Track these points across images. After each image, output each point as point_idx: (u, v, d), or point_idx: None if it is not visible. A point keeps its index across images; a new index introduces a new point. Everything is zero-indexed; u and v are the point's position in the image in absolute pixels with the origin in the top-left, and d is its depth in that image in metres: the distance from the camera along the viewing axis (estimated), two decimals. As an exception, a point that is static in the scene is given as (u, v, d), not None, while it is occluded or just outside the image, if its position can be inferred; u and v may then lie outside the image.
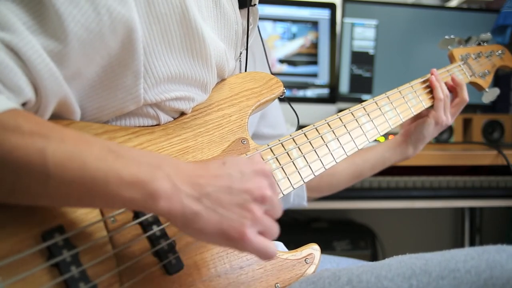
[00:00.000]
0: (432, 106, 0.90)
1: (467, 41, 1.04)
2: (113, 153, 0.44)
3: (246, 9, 0.70)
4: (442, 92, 0.89)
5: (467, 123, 1.47)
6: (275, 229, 0.49)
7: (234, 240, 0.45)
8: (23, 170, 0.41)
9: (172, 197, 0.44)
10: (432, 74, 0.91)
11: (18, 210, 0.45)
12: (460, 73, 0.98)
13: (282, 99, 0.76)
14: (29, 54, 0.44)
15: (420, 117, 0.92)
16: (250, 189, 0.47)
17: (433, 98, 0.90)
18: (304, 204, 0.96)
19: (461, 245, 1.77)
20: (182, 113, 0.62)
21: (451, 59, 1.01)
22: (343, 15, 1.51)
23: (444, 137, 1.44)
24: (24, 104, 0.46)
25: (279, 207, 0.50)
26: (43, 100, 0.47)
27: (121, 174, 0.43)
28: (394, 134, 1.44)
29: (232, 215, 0.45)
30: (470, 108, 1.64)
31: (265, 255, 0.47)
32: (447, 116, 0.91)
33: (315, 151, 0.70)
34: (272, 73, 0.75)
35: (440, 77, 0.91)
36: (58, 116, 0.51)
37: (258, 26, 0.77)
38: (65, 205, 0.47)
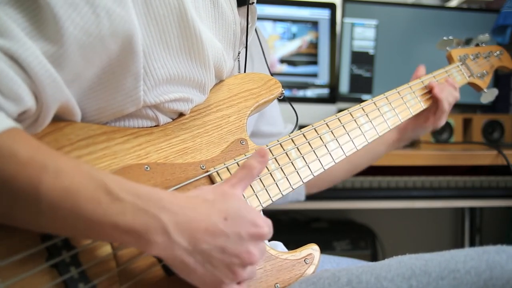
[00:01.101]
0: (428, 108, 0.91)
1: (465, 42, 1.05)
2: (109, 193, 0.43)
3: (245, 7, 0.70)
4: (449, 104, 0.91)
5: (467, 123, 1.47)
6: (251, 276, 0.51)
7: None
8: (17, 200, 0.41)
9: (165, 249, 0.45)
10: (433, 87, 0.89)
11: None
12: (458, 74, 0.98)
13: (282, 100, 0.76)
14: (29, 61, 0.44)
15: (419, 118, 0.93)
16: (241, 255, 0.48)
17: (430, 99, 0.90)
18: (302, 199, 0.98)
19: (461, 245, 1.77)
20: (181, 114, 0.62)
21: (450, 60, 1.01)
22: (343, 15, 1.51)
23: (444, 137, 1.44)
24: (23, 112, 0.45)
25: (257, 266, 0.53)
26: (44, 107, 0.46)
27: (116, 222, 0.43)
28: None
29: (218, 273, 0.47)
30: (470, 108, 1.64)
31: None
32: (444, 121, 0.94)
33: (314, 152, 0.70)
34: (271, 73, 0.75)
35: (440, 86, 0.90)
36: (59, 119, 0.51)
37: (256, 27, 0.77)
38: (58, 234, 0.46)
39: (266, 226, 0.51)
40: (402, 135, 0.98)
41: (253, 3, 0.72)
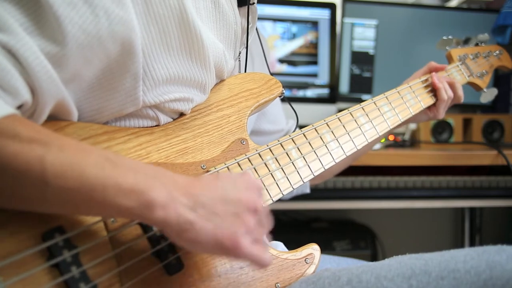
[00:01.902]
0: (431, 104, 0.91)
1: (465, 41, 1.05)
2: (110, 162, 0.44)
3: (245, 7, 0.70)
4: (446, 93, 0.91)
5: (467, 123, 1.47)
6: (263, 222, 0.50)
7: (229, 249, 0.46)
8: (22, 177, 0.41)
9: (167, 206, 0.44)
10: (433, 76, 0.91)
11: (18, 210, 0.45)
12: (458, 74, 0.98)
13: (282, 99, 0.76)
14: (26, 56, 0.44)
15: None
16: (244, 199, 0.48)
17: (433, 97, 0.91)
18: (307, 191, 0.98)
19: (461, 245, 1.77)
20: (182, 114, 0.62)
21: (449, 59, 1.01)
22: (343, 15, 1.51)
23: (444, 137, 1.44)
24: (20, 106, 0.46)
25: (269, 221, 0.51)
26: (40, 102, 0.47)
27: (119, 182, 0.43)
28: (394, 134, 1.45)
29: (227, 224, 0.46)
30: (470, 108, 1.65)
31: (260, 263, 0.48)
32: (443, 113, 0.94)
33: (314, 152, 0.70)
34: (271, 73, 0.75)
35: (442, 76, 0.92)
36: (55, 118, 0.51)
37: (256, 27, 0.77)
38: (62, 212, 0.47)
39: (255, 179, 0.52)
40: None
41: (253, 3, 0.72)
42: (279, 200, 0.66)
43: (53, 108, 0.49)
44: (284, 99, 0.77)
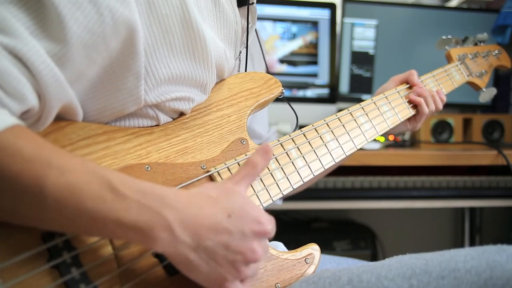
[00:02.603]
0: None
1: (464, 41, 1.05)
2: (113, 191, 0.43)
3: (245, 7, 0.70)
4: (428, 107, 0.86)
5: (467, 123, 1.47)
6: (254, 273, 0.50)
7: None
8: (22, 197, 0.41)
9: (169, 245, 0.45)
10: (413, 91, 0.87)
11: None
12: (457, 73, 0.98)
13: (281, 99, 0.76)
14: (33, 60, 0.44)
15: None
16: (245, 252, 0.48)
17: (412, 108, 0.88)
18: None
19: (461, 245, 1.77)
20: (181, 114, 0.62)
21: (449, 59, 1.01)
22: (343, 15, 1.51)
23: (444, 137, 1.44)
24: (26, 111, 0.45)
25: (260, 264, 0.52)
26: (47, 106, 0.46)
27: (120, 218, 0.43)
28: (394, 134, 1.44)
29: (222, 270, 0.47)
30: (470, 108, 1.65)
31: None
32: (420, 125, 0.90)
33: (314, 151, 0.70)
34: (269, 73, 0.75)
35: (424, 88, 0.87)
36: (61, 118, 0.51)
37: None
38: (62, 231, 0.47)
39: (270, 223, 0.50)
40: None
41: (253, 3, 0.72)
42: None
43: (60, 110, 0.49)
44: (284, 99, 0.77)
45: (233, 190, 0.51)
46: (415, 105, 0.87)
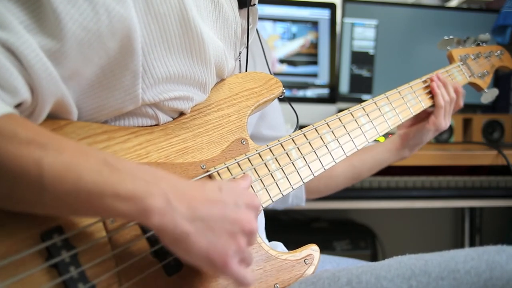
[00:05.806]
0: (431, 106, 0.90)
1: (466, 41, 1.05)
2: (109, 166, 0.44)
3: (246, 9, 0.70)
4: (443, 99, 0.89)
5: (467, 123, 1.47)
6: (252, 259, 0.50)
7: (217, 266, 0.46)
8: (19, 180, 0.41)
9: (165, 214, 0.44)
10: (432, 80, 0.89)
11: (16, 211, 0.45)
12: (459, 74, 0.98)
13: (282, 99, 0.76)
14: (26, 53, 0.44)
15: (419, 120, 0.92)
16: (241, 221, 0.48)
17: (431, 98, 0.90)
18: (302, 204, 0.97)
19: (461, 245, 1.77)
20: (181, 113, 0.62)
21: (450, 59, 1.01)
22: (343, 15, 1.51)
23: (444, 137, 1.44)
24: (19, 105, 0.46)
25: (256, 240, 0.52)
26: (40, 100, 0.46)
27: (117, 188, 0.43)
28: (394, 133, 1.44)
29: (221, 242, 0.46)
30: (470, 108, 1.64)
31: (242, 284, 0.48)
32: (447, 121, 0.91)
33: (315, 152, 0.70)
34: (271, 74, 0.75)
35: (443, 81, 0.90)
36: (54, 116, 0.51)
37: (257, 29, 0.77)
38: (59, 214, 0.47)
39: (256, 197, 0.52)
40: (405, 142, 0.95)
41: (254, 4, 0.72)
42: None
43: (53, 106, 0.49)
44: (284, 99, 0.77)
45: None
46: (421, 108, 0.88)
